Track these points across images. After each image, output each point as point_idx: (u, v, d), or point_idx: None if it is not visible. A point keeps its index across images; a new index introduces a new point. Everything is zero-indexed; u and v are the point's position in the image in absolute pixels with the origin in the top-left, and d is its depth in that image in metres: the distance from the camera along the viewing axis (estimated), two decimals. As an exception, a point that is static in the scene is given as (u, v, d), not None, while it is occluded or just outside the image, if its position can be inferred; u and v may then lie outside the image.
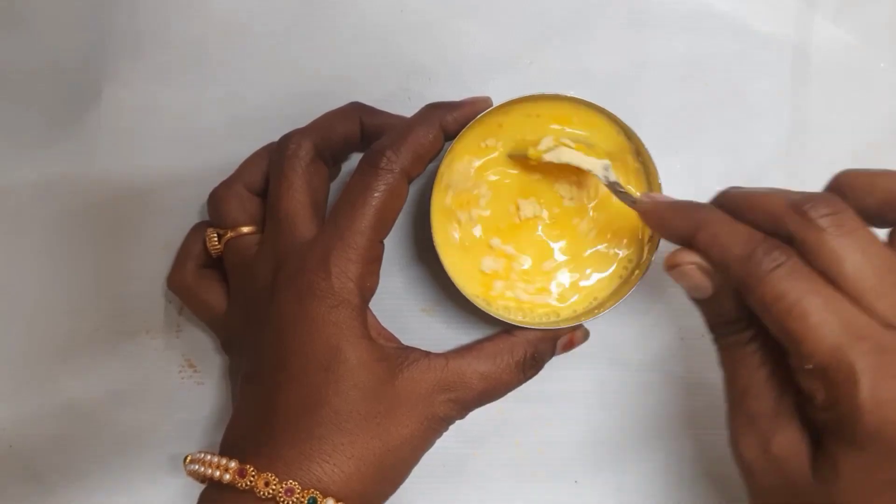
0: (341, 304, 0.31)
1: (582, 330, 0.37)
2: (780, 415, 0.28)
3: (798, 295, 0.25)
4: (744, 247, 0.27)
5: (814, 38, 0.40)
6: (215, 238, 0.36)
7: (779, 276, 0.26)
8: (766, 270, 0.26)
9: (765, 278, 0.26)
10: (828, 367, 0.25)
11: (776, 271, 0.26)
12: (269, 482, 0.28)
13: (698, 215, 0.29)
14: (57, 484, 0.39)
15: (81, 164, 0.39)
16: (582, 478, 0.40)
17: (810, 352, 0.25)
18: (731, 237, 0.28)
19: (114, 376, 0.39)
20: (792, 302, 0.25)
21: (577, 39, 0.40)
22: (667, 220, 0.31)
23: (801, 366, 0.26)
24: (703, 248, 0.28)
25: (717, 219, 0.29)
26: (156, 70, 0.39)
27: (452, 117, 0.33)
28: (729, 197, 0.30)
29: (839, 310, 0.25)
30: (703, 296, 0.29)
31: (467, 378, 0.33)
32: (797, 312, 0.25)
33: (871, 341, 0.25)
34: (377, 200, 0.31)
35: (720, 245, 0.28)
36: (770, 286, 0.26)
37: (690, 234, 0.29)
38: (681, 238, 0.29)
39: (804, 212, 0.27)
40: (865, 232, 0.27)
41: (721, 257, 0.28)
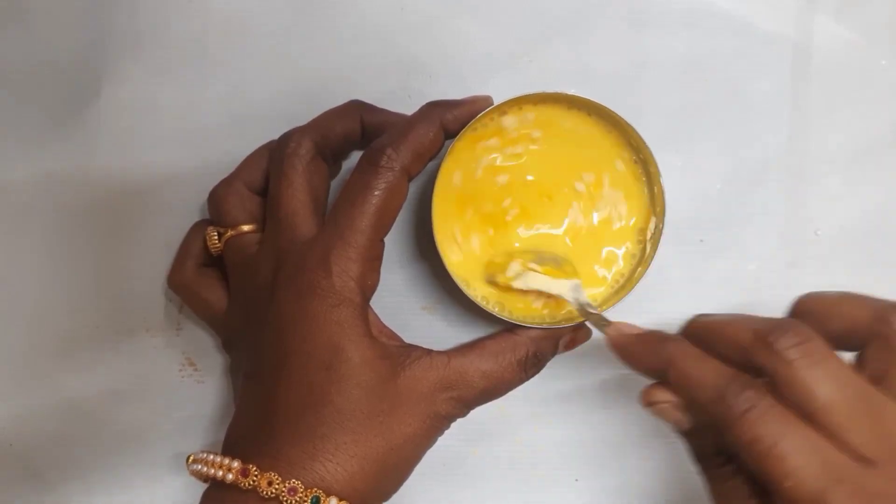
0: (342, 303, 0.31)
1: (584, 329, 0.36)
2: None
3: (774, 438, 0.25)
4: (714, 388, 0.27)
5: (814, 37, 0.40)
6: (215, 236, 0.36)
7: (752, 418, 0.26)
8: (740, 413, 0.26)
9: (739, 420, 0.26)
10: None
11: (749, 413, 0.26)
12: (272, 482, 0.28)
13: (666, 351, 0.29)
14: (57, 482, 0.39)
15: (81, 162, 0.39)
16: (582, 476, 0.40)
17: (792, 496, 0.25)
18: (701, 376, 0.28)
19: (114, 375, 0.39)
20: (769, 445, 0.25)
21: (578, 38, 0.40)
22: (636, 355, 0.31)
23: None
24: (675, 386, 0.29)
25: (686, 354, 0.29)
26: (156, 68, 0.39)
27: (453, 115, 0.33)
28: (696, 327, 0.30)
29: (816, 449, 0.25)
30: (683, 430, 0.30)
31: (469, 376, 0.33)
32: (775, 455, 0.25)
33: (850, 484, 0.25)
34: (377, 199, 0.31)
35: (691, 384, 0.28)
36: (745, 429, 0.26)
37: (661, 370, 0.29)
38: (651, 373, 0.30)
39: (770, 343, 0.27)
40: (834, 360, 0.27)
41: (693, 397, 0.28)
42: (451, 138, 0.34)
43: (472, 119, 0.34)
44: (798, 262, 0.40)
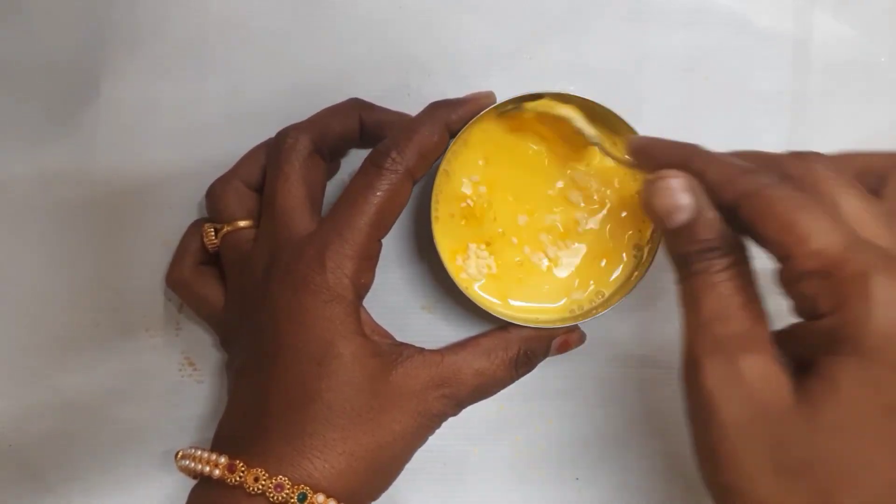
0: (335, 300, 0.31)
1: (578, 332, 0.37)
2: (754, 339, 0.26)
3: (803, 201, 0.25)
4: (742, 168, 0.26)
5: (814, 33, 0.40)
6: (212, 233, 0.36)
7: (779, 189, 0.25)
8: (766, 184, 0.25)
9: (767, 188, 0.25)
10: (835, 266, 0.23)
11: (776, 187, 0.25)
12: (258, 478, 0.28)
13: (695, 147, 0.29)
14: (56, 481, 0.39)
15: (79, 160, 0.39)
16: (583, 475, 0.40)
17: (815, 249, 0.24)
18: (730, 161, 0.27)
19: (113, 374, 0.39)
20: (799, 205, 0.24)
21: (577, 34, 0.40)
22: (661, 149, 0.30)
23: (801, 268, 0.24)
24: (699, 171, 0.27)
25: (715, 152, 0.28)
26: (154, 65, 0.39)
27: (457, 115, 0.33)
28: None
29: (841, 227, 0.24)
30: (679, 219, 0.27)
31: (462, 374, 0.33)
32: (806, 212, 0.24)
33: (879, 252, 0.24)
34: (378, 199, 0.31)
35: (717, 166, 0.27)
36: (772, 193, 0.25)
37: (686, 161, 0.28)
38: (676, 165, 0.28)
39: (805, 157, 0.27)
40: (859, 187, 0.27)
41: (717, 175, 0.27)
42: (454, 136, 0.34)
43: (475, 117, 0.33)
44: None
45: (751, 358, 0.25)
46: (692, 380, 0.26)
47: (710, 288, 0.27)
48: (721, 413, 0.25)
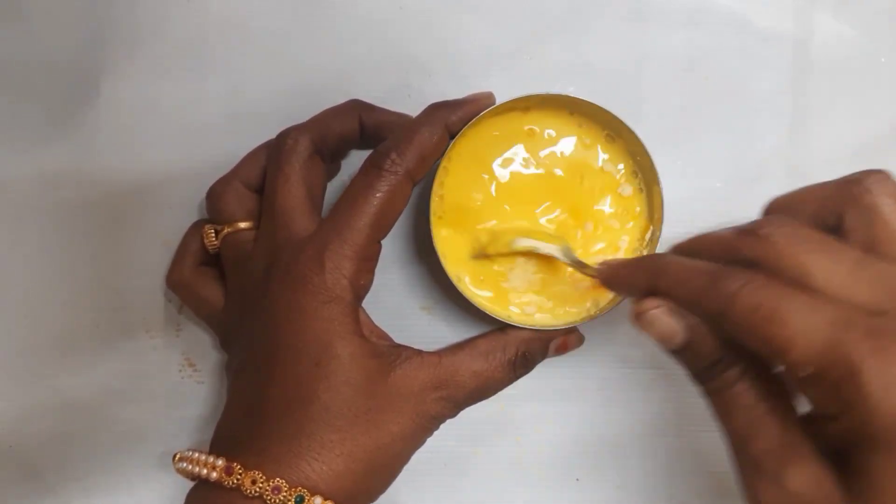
0: (333, 300, 0.31)
1: (576, 334, 0.36)
2: (789, 448, 0.25)
3: (774, 302, 0.24)
4: (707, 277, 0.26)
5: (814, 33, 0.40)
6: (212, 234, 0.36)
7: (749, 290, 0.24)
8: (736, 290, 0.25)
9: (736, 297, 0.24)
10: (825, 369, 0.23)
11: (745, 288, 0.25)
12: (255, 480, 0.28)
13: (655, 264, 0.28)
14: (55, 482, 0.39)
15: (80, 160, 0.39)
16: (583, 476, 0.40)
17: (802, 359, 0.23)
18: (693, 273, 0.27)
19: (113, 375, 0.39)
20: (771, 310, 0.24)
21: (577, 34, 0.40)
22: (627, 277, 0.30)
23: (796, 377, 0.24)
24: (668, 292, 0.27)
25: (675, 261, 0.28)
26: (154, 65, 0.39)
27: (457, 116, 0.33)
28: (679, 247, 0.30)
29: (820, 308, 0.24)
30: (677, 342, 0.28)
31: (460, 375, 0.33)
32: (778, 319, 0.23)
33: (861, 328, 0.23)
34: (378, 200, 0.31)
35: (683, 283, 0.27)
36: (743, 302, 0.24)
37: (653, 283, 0.28)
38: (645, 291, 0.28)
39: (755, 232, 0.26)
40: (820, 235, 0.26)
41: (687, 294, 0.27)
42: (454, 138, 0.34)
43: (475, 118, 0.33)
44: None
45: (792, 471, 0.25)
46: (750, 499, 0.26)
47: (733, 403, 0.27)
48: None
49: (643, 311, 0.28)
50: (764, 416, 0.26)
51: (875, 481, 0.23)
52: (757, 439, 0.26)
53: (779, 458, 0.25)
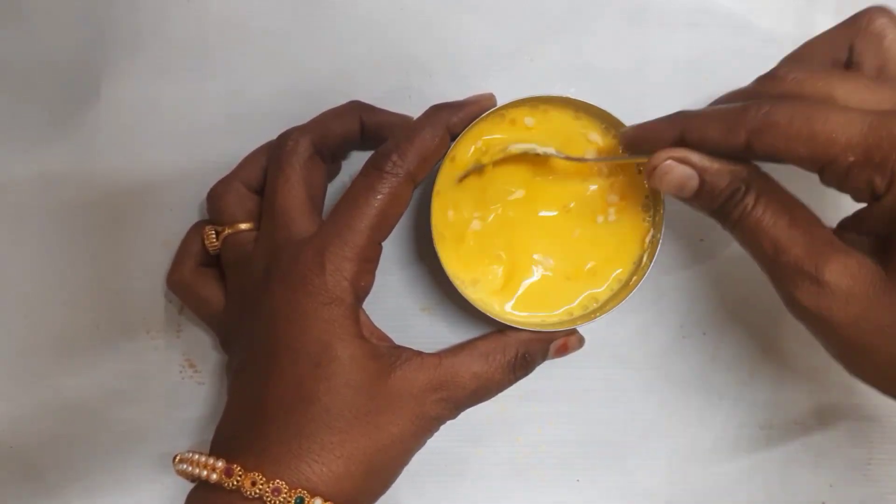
0: (334, 302, 0.31)
1: (577, 336, 0.36)
2: (818, 247, 0.27)
3: (808, 110, 0.26)
4: (737, 109, 0.28)
5: (814, 34, 0.40)
6: (213, 235, 0.36)
7: (781, 106, 0.26)
8: (769, 109, 0.27)
9: (770, 113, 0.26)
10: (870, 149, 0.25)
11: (778, 104, 0.26)
12: (255, 482, 0.28)
13: (683, 115, 0.30)
14: (56, 482, 0.39)
15: (80, 162, 0.39)
16: (583, 476, 0.40)
17: (847, 147, 0.25)
18: (722, 111, 0.29)
19: (114, 375, 0.39)
20: (807, 115, 0.26)
21: (578, 35, 0.40)
22: (654, 132, 0.31)
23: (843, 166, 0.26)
24: (699, 134, 0.29)
25: (702, 110, 0.30)
26: (155, 68, 0.39)
27: (458, 118, 0.33)
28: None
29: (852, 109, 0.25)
30: (693, 186, 0.29)
31: (460, 377, 0.33)
32: (816, 119, 0.25)
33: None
34: (379, 202, 0.31)
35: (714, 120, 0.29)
36: (778, 115, 0.26)
37: (681, 132, 0.30)
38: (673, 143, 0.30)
39: (774, 75, 0.28)
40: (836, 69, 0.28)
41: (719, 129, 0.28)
42: (455, 139, 0.34)
43: (476, 119, 0.33)
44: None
45: (829, 266, 0.27)
46: (796, 311, 0.28)
47: (757, 225, 0.28)
48: (833, 322, 0.27)
49: (656, 165, 0.30)
50: (789, 228, 0.28)
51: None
52: (787, 249, 0.28)
53: (811, 258, 0.27)
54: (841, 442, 0.40)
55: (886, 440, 0.40)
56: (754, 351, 0.40)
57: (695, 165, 0.29)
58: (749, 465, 0.40)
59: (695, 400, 0.40)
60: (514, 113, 0.35)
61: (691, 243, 0.40)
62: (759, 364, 0.40)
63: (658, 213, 0.36)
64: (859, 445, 0.40)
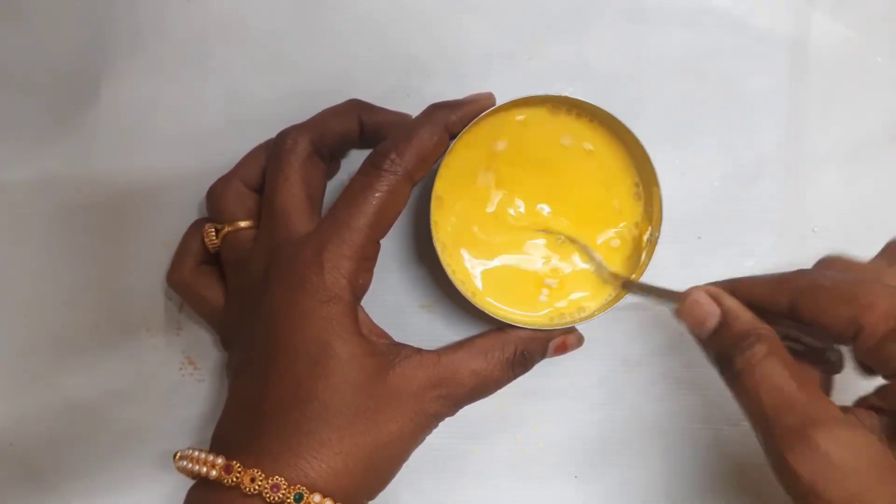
0: (332, 300, 0.31)
1: (576, 334, 0.36)
2: (825, 415, 0.26)
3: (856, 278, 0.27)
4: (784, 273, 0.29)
5: (812, 33, 0.40)
6: (213, 233, 0.36)
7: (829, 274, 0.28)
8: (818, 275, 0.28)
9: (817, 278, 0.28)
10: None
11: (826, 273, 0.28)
12: (254, 478, 0.28)
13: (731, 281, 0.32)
14: (57, 482, 0.39)
15: (80, 162, 0.39)
16: (582, 473, 0.40)
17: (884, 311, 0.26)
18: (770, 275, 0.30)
19: (114, 374, 0.39)
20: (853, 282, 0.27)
21: (576, 35, 0.40)
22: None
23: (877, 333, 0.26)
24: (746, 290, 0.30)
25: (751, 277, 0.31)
26: (155, 68, 0.39)
27: (457, 117, 0.33)
28: None
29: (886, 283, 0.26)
30: (710, 326, 0.30)
31: (459, 374, 0.33)
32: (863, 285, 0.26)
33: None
34: (377, 200, 0.31)
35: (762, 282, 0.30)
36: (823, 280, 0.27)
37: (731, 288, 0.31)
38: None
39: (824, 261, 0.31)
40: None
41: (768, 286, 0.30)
42: (454, 138, 0.34)
43: (475, 118, 0.34)
44: (796, 257, 0.40)
45: (832, 435, 0.25)
46: (786, 474, 0.26)
47: (763, 377, 0.27)
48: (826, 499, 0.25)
49: (688, 296, 0.30)
50: (795, 390, 0.27)
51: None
52: (790, 409, 0.26)
53: (814, 424, 0.26)
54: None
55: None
56: (752, 349, 0.40)
57: (722, 305, 0.30)
58: (746, 462, 0.40)
59: (692, 397, 0.40)
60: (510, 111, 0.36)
61: (689, 241, 0.40)
62: (757, 361, 0.40)
63: (656, 212, 0.36)
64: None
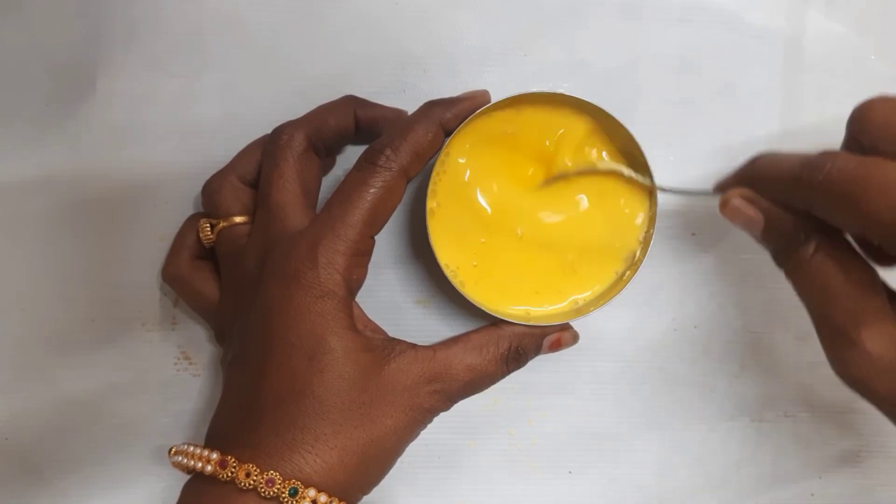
0: (326, 295, 0.31)
1: (571, 331, 0.37)
2: (866, 312, 0.26)
3: (863, 167, 0.26)
4: (801, 161, 0.28)
5: (806, 30, 0.40)
6: (208, 228, 0.36)
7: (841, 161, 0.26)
8: (830, 164, 0.27)
9: (830, 169, 0.27)
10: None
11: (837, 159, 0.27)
12: (249, 473, 0.28)
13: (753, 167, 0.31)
14: (53, 475, 0.39)
15: (76, 156, 0.39)
16: (576, 468, 0.40)
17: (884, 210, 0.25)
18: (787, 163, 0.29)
19: (110, 369, 0.39)
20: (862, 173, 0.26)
21: (572, 31, 0.40)
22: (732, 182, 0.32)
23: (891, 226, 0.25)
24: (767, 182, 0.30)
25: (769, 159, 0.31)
26: (151, 62, 0.39)
27: (452, 114, 0.33)
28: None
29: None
30: (758, 226, 0.30)
31: (454, 369, 0.33)
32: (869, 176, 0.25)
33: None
34: (372, 196, 0.32)
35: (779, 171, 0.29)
36: (837, 170, 0.26)
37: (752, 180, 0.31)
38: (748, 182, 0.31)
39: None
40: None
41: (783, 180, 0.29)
42: (450, 135, 0.34)
43: (470, 115, 0.34)
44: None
45: (874, 333, 0.26)
46: (839, 371, 0.27)
47: (813, 277, 0.28)
48: (876, 394, 0.26)
49: (728, 200, 0.31)
50: (841, 286, 0.27)
51: None
52: (836, 309, 0.27)
53: (857, 322, 0.26)
54: (831, 434, 0.41)
55: (876, 433, 0.41)
56: (745, 344, 0.40)
57: (760, 206, 0.30)
58: (739, 457, 0.40)
59: (686, 393, 0.40)
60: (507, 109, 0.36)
61: (683, 238, 0.40)
62: (750, 357, 0.40)
63: (651, 209, 0.36)
64: (849, 438, 0.41)
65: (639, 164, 0.35)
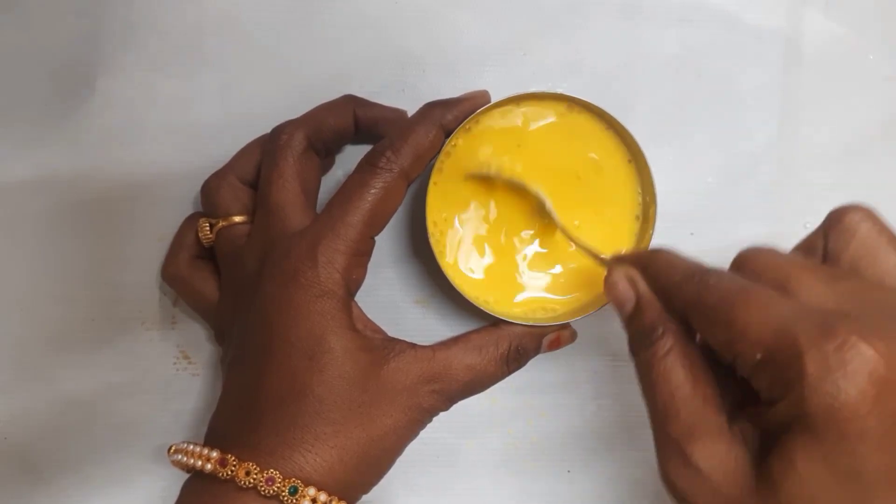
0: (326, 295, 0.31)
1: (569, 330, 0.37)
2: (701, 426, 0.26)
3: (744, 293, 0.25)
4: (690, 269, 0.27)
5: (805, 31, 0.40)
6: (207, 228, 0.36)
7: (724, 282, 0.25)
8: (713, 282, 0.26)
9: (711, 287, 0.26)
10: (773, 353, 0.23)
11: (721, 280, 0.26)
12: (249, 471, 0.28)
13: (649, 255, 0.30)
14: (53, 475, 0.39)
15: (74, 156, 0.39)
16: (574, 467, 0.40)
17: (755, 342, 0.24)
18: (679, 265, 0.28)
19: (109, 368, 0.39)
20: (739, 298, 0.24)
21: (571, 31, 0.40)
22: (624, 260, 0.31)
23: (749, 363, 0.24)
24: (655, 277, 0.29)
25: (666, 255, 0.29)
26: (150, 62, 0.39)
27: (452, 115, 0.33)
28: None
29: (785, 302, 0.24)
30: (627, 310, 0.29)
31: (454, 369, 0.33)
32: (742, 305, 0.24)
33: (816, 320, 0.23)
34: (373, 197, 0.32)
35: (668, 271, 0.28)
36: (716, 290, 0.25)
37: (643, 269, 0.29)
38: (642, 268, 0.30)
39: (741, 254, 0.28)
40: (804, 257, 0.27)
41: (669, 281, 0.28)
42: (450, 136, 0.34)
43: (470, 116, 0.34)
44: (788, 254, 0.40)
45: (700, 448, 0.25)
46: (666, 481, 0.26)
47: (659, 376, 0.27)
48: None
49: (610, 273, 0.30)
50: (685, 397, 0.26)
51: (792, 463, 0.23)
52: (675, 419, 0.26)
53: (692, 437, 0.25)
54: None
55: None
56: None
57: (637, 290, 0.29)
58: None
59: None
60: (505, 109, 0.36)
61: (682, 238, 0.40)
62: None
63: (650, 209, 0.36)
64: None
65: (637, 164, 0.36)
